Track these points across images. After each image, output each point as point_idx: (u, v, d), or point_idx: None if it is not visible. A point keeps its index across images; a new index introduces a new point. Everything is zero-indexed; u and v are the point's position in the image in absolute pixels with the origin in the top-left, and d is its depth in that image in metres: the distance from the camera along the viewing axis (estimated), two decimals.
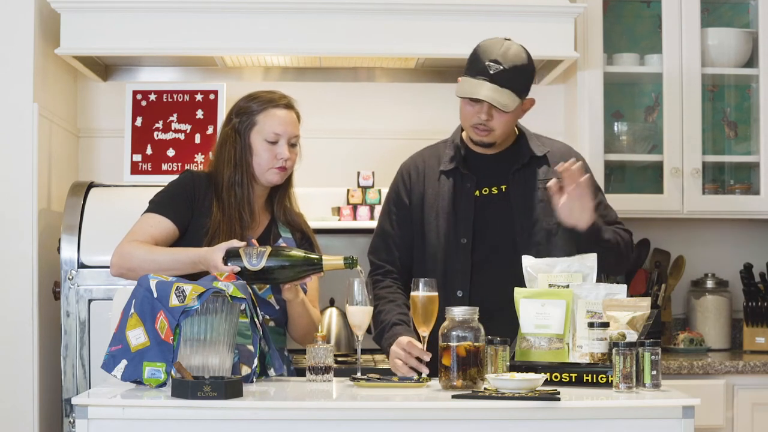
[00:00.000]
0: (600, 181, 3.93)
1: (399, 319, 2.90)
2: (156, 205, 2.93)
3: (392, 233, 3.04)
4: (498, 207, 2.96)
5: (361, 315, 2.72)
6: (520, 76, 2.88)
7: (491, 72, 2.85)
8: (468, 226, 2.95)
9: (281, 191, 3.03)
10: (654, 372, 2.45)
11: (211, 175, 2.98)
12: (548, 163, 2.99)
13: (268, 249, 2.70)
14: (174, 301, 2.46)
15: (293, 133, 2.98)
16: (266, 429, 2.31)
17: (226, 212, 2.89)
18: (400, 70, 4.14)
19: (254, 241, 2.81)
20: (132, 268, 2.79)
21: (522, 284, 2.81)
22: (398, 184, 3.08)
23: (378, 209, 3.85)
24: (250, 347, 2.65)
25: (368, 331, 2.81)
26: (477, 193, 2.98)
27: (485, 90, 2.84)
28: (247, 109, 2.97)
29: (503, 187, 2.97)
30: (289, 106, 3.01)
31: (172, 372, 2.42)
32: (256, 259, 2.67)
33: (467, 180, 2.98)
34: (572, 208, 2.79)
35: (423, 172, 3.05)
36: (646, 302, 2.63)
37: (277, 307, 2.91)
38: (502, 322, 2.75)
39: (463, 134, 3.05)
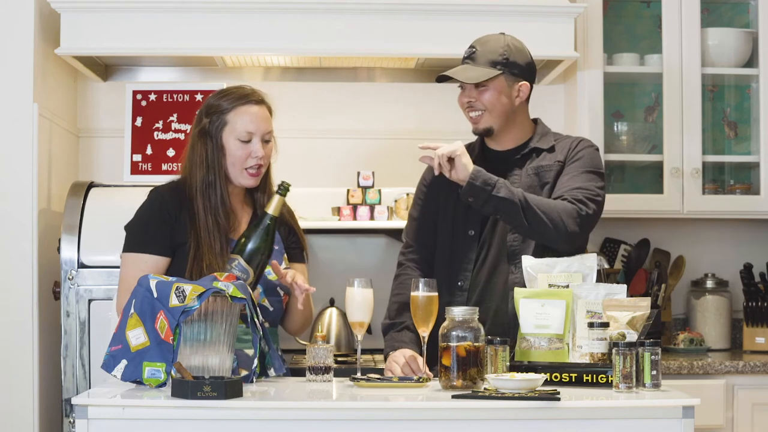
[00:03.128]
0: None
1: (413, 323, 2.92)
2: (136, 244, 2.85)
3: (421, 219, 3.11)
4: None
5: (361, 298, 2.72)
6: (494, 54, 2.97)
7: (465, 56, 3.02)
8: (476, 218, 3.00)
9: (262, 182, 2.96)
10: (654, 372, 2.45)
11: (182, 182, 2.91)
12: (553, 152, 3.04)
13: (237, 257, 2.72)
14: (174, 301, 2.46)
15: (266, 130, 2.92)
16: (266, 429, 2.31)
17: (202, 221, 2.83)
18: (400, 70, 4.14)
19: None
20: None
21: (511, 270, 2.90)
22: (425, 176, 3.16)
23: (378, 209, 3.86)
24: (248, 351, 2.64)
25: (368, 331, 2.81)
26: None
27: (454, 69, 2.99)
28: (218, 108, 2.90)
29: (507, 177, 3.02)
30: (260, 101, 2.94)
31: (172, 372, 2.42)
32: (243, 273, 2.69)
33: None
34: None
35: None
36: (646, 302, 2.63)
37: (272, 309, 2.90)
38: (497, 313, 2.88)
39: None
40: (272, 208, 2.77)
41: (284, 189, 2.77)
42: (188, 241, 2.82)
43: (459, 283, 2.97)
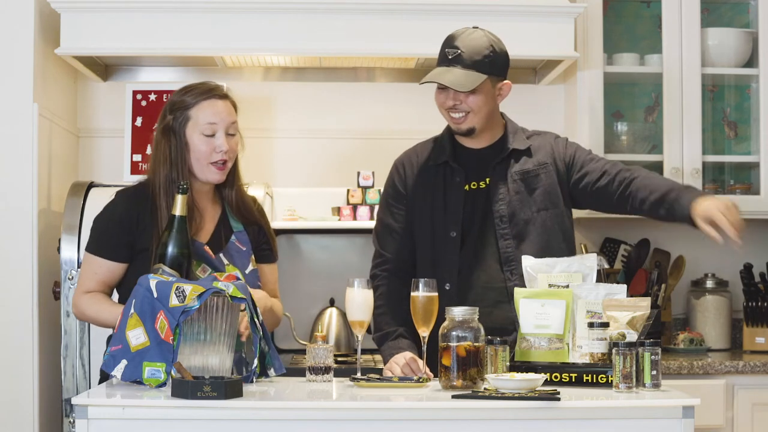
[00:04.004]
0: None
1: (406, 330, 2.93)
2: (93, 245, 2.86)
3: (395, 225, 3.07)
4: (484, 201, 2.98)
5: (361, 298, 2.72)
6: (480, 56, 2.92)
7: (449, 57, 2.94)
8: (457, 219, 2.97)
9: (229, 178, 2.93)
10: (654, 372, 2.45)
11: (146, 183, 2.89)
12: (529, 155, 3.02)
13: (160, 265, 2.69)
14: (174, 301, 2.46)
15: (229, 121, 2.87)
16: (266, 429, 2.31)
17: (165, 219, 2.79)
18: (400, 70, 4.14)
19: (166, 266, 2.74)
20: (88, 322, 2.88)
21: (507, 277, 2.90)
22: (393, 177, 3.12)
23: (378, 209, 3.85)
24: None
25: (368, 331, 2.81)
26: (466, 187, 3.00)
27: (439, 72, 2.93)
28: (181, 104, 2.87)
29: (488, 180, 3.00)
30: (223, 96, 2.90)
31: (172, 372, 2.42)
32: (173, 276, 2.68)
33: (457, 174, 3.01)
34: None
35: (416, 165, 3.08)
36: (646, 302, 2.63)
37: None
38: (489, 317, 2.81)
39: None
40: (177, 209, 2.72)
41: (184, 189, 2.72)
42: (150, 247, 2.79)
43: (446, 287, 2.93)
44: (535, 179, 2.99)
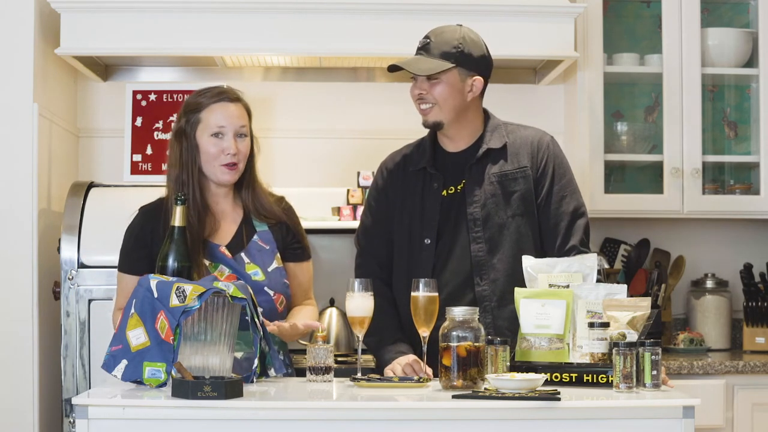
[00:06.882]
0: (599, 181, 3.93)
1: (403, 335, 2.91)
2: (120, 264, 2.92)
3: (374, 229, 3.06)
4: (461, 205, 2.95)
5: (361, 298, 2.71)
6: (448, 47, 2.90)
7: (419, 46, 2.95)
8: (433, 226, 2.95)
9: (246, 180, 2.96)
10: (654, 372, 2.45)
11: (164, 198, 2.92)
12: (506, 155, 2.98)
13: (158, 276, 2.68)
14: (174, 301, 2.46)
15: (239, 124, 2.89)
16: (266, 429, 2.31)
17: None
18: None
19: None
20: None
21: (477, 282, 2.88)
22: (377, 180, 3.10)
23: None
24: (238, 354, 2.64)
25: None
26: (444, 192, 2.97)
27: (406, 59, 2.92)
28: (193, 107, 2.91)
29: (464, 182, 2.97)
30: (235, 99, 2.92)
31: (173, 372, 2.42)
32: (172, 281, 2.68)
33: (434, 179, 2.98)
34: None
35: (399, 169, 3.06)
36: (646, 302, 2.63)
37: (261, 309, 2.83)
38: None
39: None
40: (176, 220, 2.73)
41: (182, 199, 2.74)
42: None
43: None
44: (513, 182, 2.95)
